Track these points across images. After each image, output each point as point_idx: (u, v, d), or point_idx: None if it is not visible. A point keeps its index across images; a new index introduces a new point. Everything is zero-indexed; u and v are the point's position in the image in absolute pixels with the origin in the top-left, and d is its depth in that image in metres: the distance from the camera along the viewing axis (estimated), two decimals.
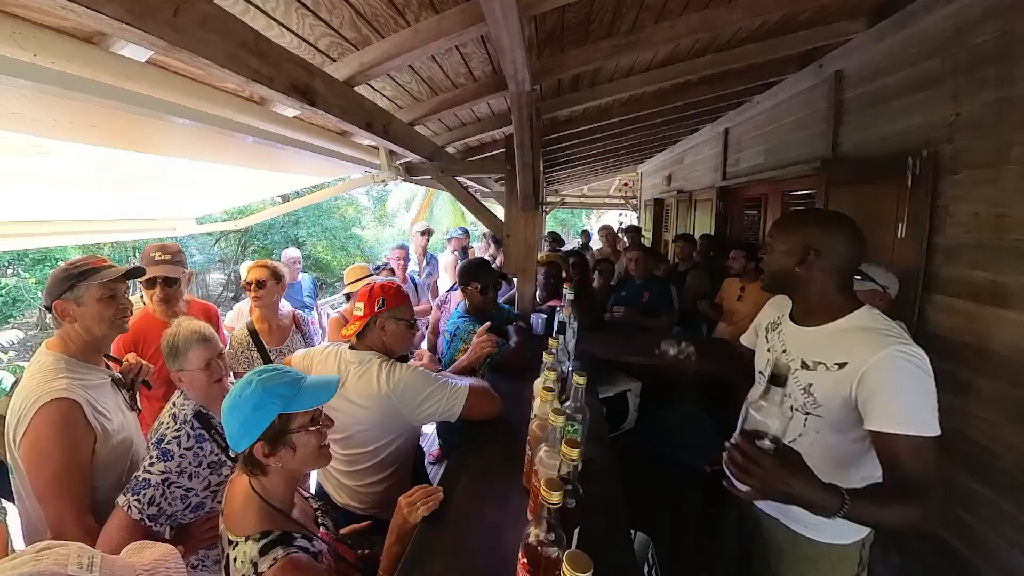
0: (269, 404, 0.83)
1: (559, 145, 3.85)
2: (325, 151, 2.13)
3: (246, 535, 0.80)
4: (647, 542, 1.31)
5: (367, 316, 1.30)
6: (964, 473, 1.56)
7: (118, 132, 1.43)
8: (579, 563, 0.54)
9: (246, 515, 0.83)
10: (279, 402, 0.84)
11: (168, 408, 1.20)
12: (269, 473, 0.85)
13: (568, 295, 1.61)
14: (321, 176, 3.34)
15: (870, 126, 2.14)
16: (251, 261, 2.20)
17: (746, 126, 3.64)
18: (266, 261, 2.00)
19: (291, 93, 1.19)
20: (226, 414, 0.85)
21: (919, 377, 0.86)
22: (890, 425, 0.85)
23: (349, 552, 0.99)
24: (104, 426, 1.12)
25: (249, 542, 0.79)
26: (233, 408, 0.84)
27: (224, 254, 14.39)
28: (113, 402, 1.20)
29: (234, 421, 0.83)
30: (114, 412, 1.18)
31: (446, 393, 1.23)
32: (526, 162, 2.12)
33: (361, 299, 1.33)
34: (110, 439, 1.13)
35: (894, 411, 0.86)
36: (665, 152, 5.90)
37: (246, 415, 0.82)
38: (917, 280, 1.76)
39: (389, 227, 17.67)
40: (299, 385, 0.87)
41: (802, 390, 1.01)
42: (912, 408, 0.85)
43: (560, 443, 0.71)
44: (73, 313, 1.14)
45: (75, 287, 1.13)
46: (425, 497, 0.95)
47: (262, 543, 0.78)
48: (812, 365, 1.00)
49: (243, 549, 0.78)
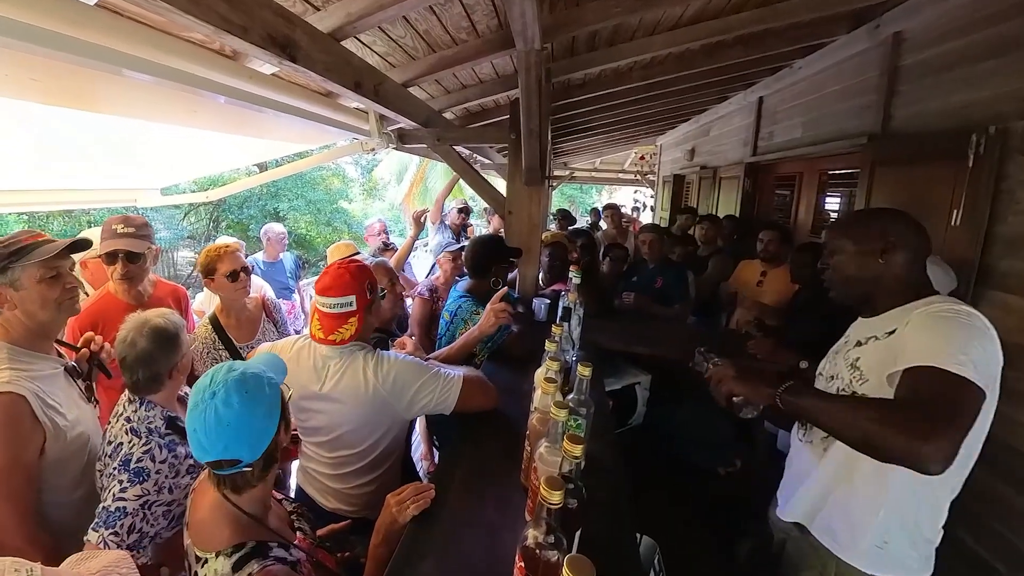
0: (277, 398, 0.85)
1: (570, 112, 3.80)
2: (308, 114, 2.10)
3: (216, 550, 0.79)
4: (654, 547, 1.34)
5: (362, 308, 1.21)
6: (1004, 485, 1.59)
7: (65, 88, 1.39)
8: (580, 568, 0.55)
9: (216, 527, 0.83)
10: (277, 391, 0.86)
11: (118, 424, 1.15)
12: (268, 476, 0.86)
13: (574, 279, 1.61)
14: (303, 143, 3.31)
15: (929, 97, 2.09)
16: (228, 238, 2.18)
17: (783, 95, 3.57)
18: (232, 242, 1.93)
19: (268, 46, 1.17)
20: (231, 434, 0.78)
21: (959, 324, 0.89)
22: (911, 359, 0.87)
23: (329, 557, 1.01)
24: (55, 421, 1.10)
25: (220, 558, 0.78)
26: (242, 420, 0.79)
27: (194, 230, 14.37)
28: (66, 394, 1.17)
29: (245, 435, 0.79)
30: (68, 405, 1.16)
31: (440, 383, 1.23)
32: (533, 130, 2.09)
33: (342, 291, 1.18)
34: (63, 435, 1.11)
35: (918, 347, 0.88)
36: (689, 123, 5.82)
37: (261, 423, 0.81)
38: (970, 273, 1.75)
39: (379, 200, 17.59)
40: (278, 366, 0.92)
41: (849, 366, 1.07)
42: (938, 345, 0.86)
43: (562, 438, 0.73)
44: (11, 298, 1.10)
45: (9, 269, 1.09)
46: (415, 495, 0.97)
47: (235, 558, 0.78)
48: (864, 341, 1.07)
49: (213, 567, 0.78)
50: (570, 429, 0.81)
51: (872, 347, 1.04)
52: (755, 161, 3.96)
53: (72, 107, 1.56)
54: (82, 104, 1.55)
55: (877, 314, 1.09)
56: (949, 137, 1.89)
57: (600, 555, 0.62)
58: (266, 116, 1.95)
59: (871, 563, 1.04)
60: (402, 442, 1.40)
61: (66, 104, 1.52)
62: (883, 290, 1.07)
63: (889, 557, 1.03)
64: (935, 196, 1.92)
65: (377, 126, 2.60)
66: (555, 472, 0.74)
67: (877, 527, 1.01)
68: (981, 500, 1.59)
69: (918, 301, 1.01)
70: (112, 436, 1.14)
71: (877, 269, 1.05)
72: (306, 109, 2.04)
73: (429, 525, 0.95)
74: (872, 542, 1.03)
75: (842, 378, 1.08)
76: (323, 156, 3.74)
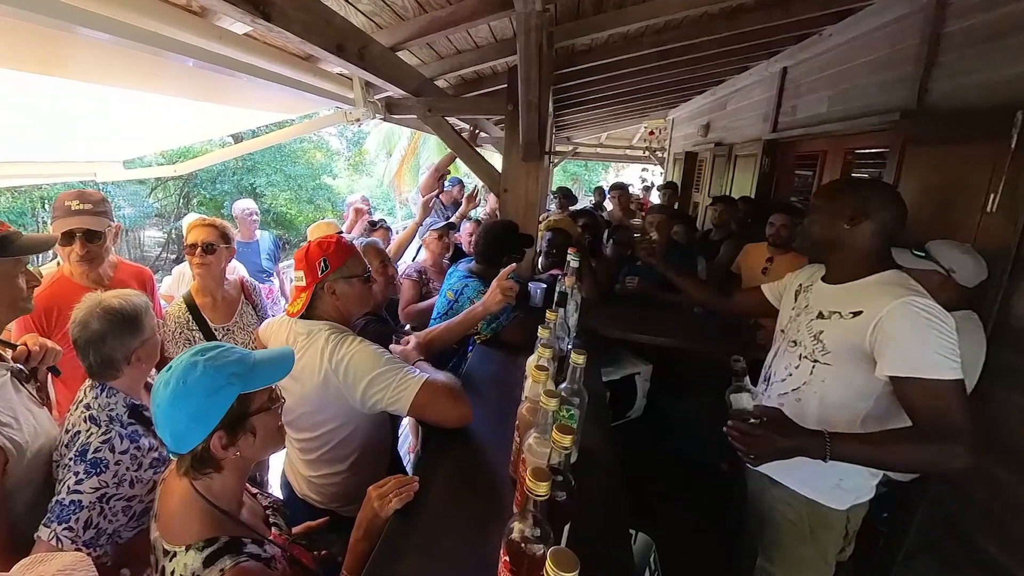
0: (226, 386, 0.84)
1: (574, 82, 3.75)
2: (286, 80, 2.08)
3: (187, 544, 0.81)
4: (649, 544, 1.38)
5: (310, 285, 1.29)
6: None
7: (9, 47, 1.36)
8: (563, 562, 0.56)
9: (187, 520, 0.84)
10: (236, 381, 0.85)
11: (77, 411, 1.15)
12: (223, 468, 0.87)
13: (572, 262, 1.62)
14: (281, 112, 3.28)
15: (972, 69, 2.06)
16: (195, 215, 2.18)
17: (809, 65, 3.53)
18: (213, 219, 1.96)
19: (238, 2, 1.15)
20: (165, 409, 0.83)
21: (933, 324, 1.07)
22: (901, 369, 1.08)
23: (305, 554, 1.03)
24: (14, 440, 1.06)
25: (191, 552, 0.80)
26: (176, 399, 0.82)
27: (162, 207, 14.28)
28: (17, 403, 1.13)
29: (180, 415, 0.82)
30: (23, 417, 1.12)
31: (395, 381, 1.19)
32: (532, 101, 2.08)
33: (299, 266, 1.30)
34: (24, 453, 1.08)
35: (905, 355, 1.08)
36: (704, 95, 5.76)
37: (197, 404, 0.82)
38: (1005, 263, 1.75)
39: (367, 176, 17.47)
40: (250, 360, 0.89)
41: (812, 337, 1.27)
42: (921, 352, 1.06)
43: (551, 429, 0.75)
44: None
45: None
46: (398, 488, 0.99)
47: (207, 552, 0.80)
48: (827, 315, 1.26)
49: (183, 560, 0.80)
50: (561, 419, 0.83)
51: (836, 324, 1.23)
52: (775, 138, 3.94)
53: (19, 70, 1.52)
54: (31, 66, 1.52)
55: (839, 282, 1.28)
56: (991, 114, 1.88)
57: (590, 550, 0.64)
58: (239, 82, 1.93)
59: (838, 500, 1.29)
60: (374, 438, 1.41)
61: (12, 66, 1.49)
62: (841, 259, 1.26)
63: (850, 493, 1.29)
64: (971, 179, 1.92)
65: (362, 94, 2.58)
66: (543, 463, 0.77)
67: (828, 469, 1.14)
68: (1008, 507, 1.63)
69: (880, 275, 1.20)
70: (70, 424, 1.14)
71: (842, 235, 1.23)
72: (284, 74, 2.02)
73: (412, 519, 0.97)
74: (829, 483, 1.28)
75: (804, 345, 1.30)
76: (304, 127, 3.70)
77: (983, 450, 1.02)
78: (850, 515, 1.34)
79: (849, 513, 1.33)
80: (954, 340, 1.07)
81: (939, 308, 1.09)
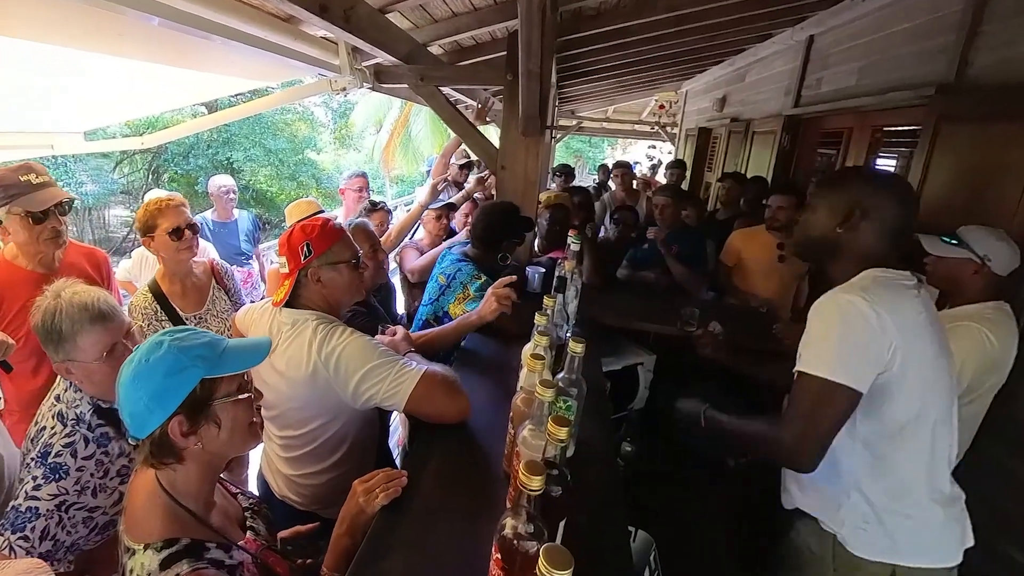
0: (188, 367, 0.84)
1: (580, 49, 3.72)
2: (264, 44, 2.05)
3: (145, 542, 0.82)
4: (649, 543, 1.40)
5: (293, 272, 1.28)
6: None
7: None
8: (557, 559, 0.57)
9: (148, 516, 0.85)
10: (201, 364, 0.85)
11: (49, 403, 1.13)
12: (184, 460, 0.87)
13: (572, 245, 1.63)
14: (260, 80, 3.24)
15: (1019, 40, 2.03)
16: (159, 191, 2.13)
17: (839, 34, 3.49)
18: (175, 196, 1.89)
19: None
20: (126, 387, 0.84)
21: (842, 321, 1.05)
22: (798, 366, 1.09)
23: (281, 562, 1.03)
24: None
25: (148, 552, 0.80)
26: (137, 378, 0.83)
27: (128, 183, 14.16)
28: None
29: (140, 394, 0.83)
30: None
31: (391, 374, 1.20)
32: (533, 71, 2.06)
33: (281, 251, 1.30)
34: None
35: (803, 353, 1.09)
36: (721, 66, 5.70)
37: (157, 384, 0.82)
38: None
39: (355, 151, 17.33)
40: (220, 346, 0.90)
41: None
42: (816, 349, 1.07)
43: (547, 420, 0.76)
44: None
45: None
46: (385, 482, 1.01)
47: (164, 555, 0.80)
48: None
49: (140, 560, 0.80)
50: (557, 411, 0.84)
51: None
52: (796, 114, 3.91)
53: None
54: None
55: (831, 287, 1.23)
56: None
57: (587, 548, 0.65)
58: (213, 45, 1.91)
59: (862, 546, 1.14)
60: (363, 434, 1.42)
61: None
62: (837, 265, 1.19)
63: (877, 536, 1.13)
64: (1012, 161, 1.91)
65: (349, 61, 2.55)
66: (538, 456, 0.78)
67: (851, 508, 1.14)
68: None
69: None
70: (40, 416, 1.14)
71: (834, 238, 1.16)
72: (262, 37, 1.99)
73: (400, 515, 0.99)
74: (855, 524, 1.16)
75: None
76: (285, 95, 3.66)
77: (808, 458, 1.03)
78: (895, 570, 1.14)
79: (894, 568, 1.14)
80: (855, 338, 1.04)
81: (858, 302, 1.04)
